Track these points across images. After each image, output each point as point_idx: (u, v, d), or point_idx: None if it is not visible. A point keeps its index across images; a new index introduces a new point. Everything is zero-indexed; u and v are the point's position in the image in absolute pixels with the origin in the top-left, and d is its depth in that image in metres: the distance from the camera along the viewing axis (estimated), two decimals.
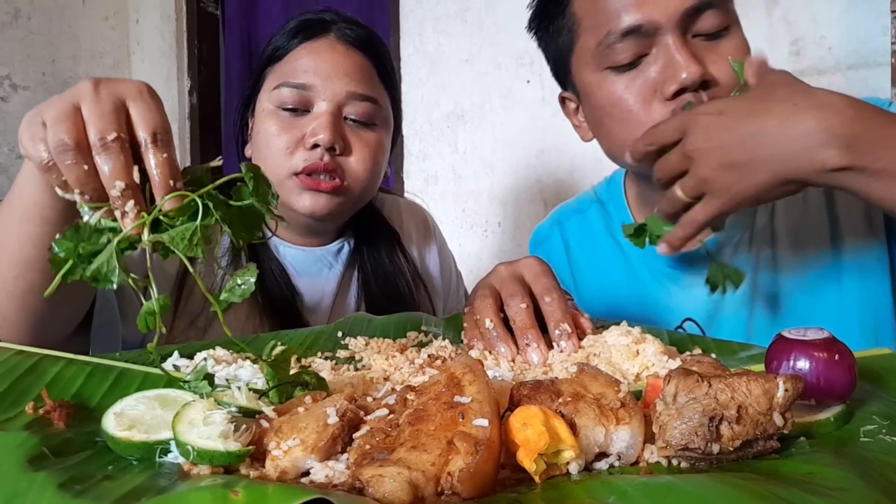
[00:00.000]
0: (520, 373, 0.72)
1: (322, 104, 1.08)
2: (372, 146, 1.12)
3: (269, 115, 1.10)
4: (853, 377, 0.55)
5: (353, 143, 1.10)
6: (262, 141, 1.10)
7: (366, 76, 1.12)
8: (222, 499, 0.39)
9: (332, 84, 1.08)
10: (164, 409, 0.53)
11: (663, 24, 0.90)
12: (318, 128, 1.06)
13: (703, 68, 0.89)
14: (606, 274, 1.18)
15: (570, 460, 0.46)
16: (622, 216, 1.16)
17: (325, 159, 1.06)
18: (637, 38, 0.92)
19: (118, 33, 3.26)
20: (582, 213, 1.25)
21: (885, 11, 1.51)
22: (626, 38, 0.92)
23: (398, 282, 1.23)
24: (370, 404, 0.54)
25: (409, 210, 1.37)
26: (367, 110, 1.11)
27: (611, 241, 1.18)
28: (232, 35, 3.07)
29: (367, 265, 1.22)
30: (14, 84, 2.84)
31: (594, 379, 0.53)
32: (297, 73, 1.09)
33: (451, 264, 1.40)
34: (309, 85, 1.08)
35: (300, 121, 1.09)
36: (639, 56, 0.93)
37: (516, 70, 2.16)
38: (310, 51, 1.10)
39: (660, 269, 1.10)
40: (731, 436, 0.47)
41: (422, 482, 0.42)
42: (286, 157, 1.08)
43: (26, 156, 0.67)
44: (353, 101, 1.09)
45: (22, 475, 0.44)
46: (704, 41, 0.92)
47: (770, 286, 1.03)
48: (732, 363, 0.70)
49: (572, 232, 1.25)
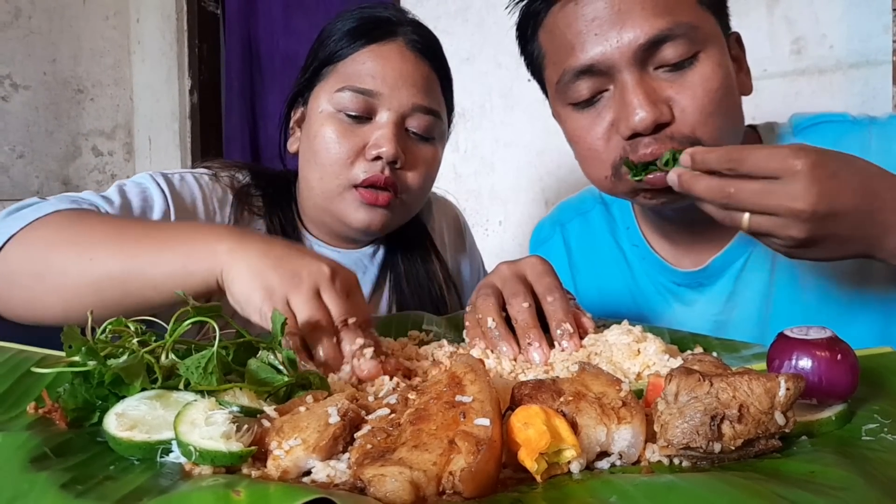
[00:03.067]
0: (521, 372, 0.72)
1: (386, 114, 1.04)
2: (429, 161, 1.10)
3: (328, 117, 1.05)
4: (855, 376, 0.55)
5: (412, 156, 1.07)
6: (321, 145, 1.05)
7: (431, 88, 1.08)
8: (224, 498, 0.39)
9: (399, 94, 1.04)
10: (166, 409, 0.53)
11: (617, 61, 0.86)
12: (382, 139, 1.03)
13: (656, 111, 0.85)
14: (608, 281, 1.16)
15: (571, 459, 0.46)
16: (626, 219, 1.13)
17: (385, 173, 1.03)
18: (593, 76, 0.89)
19: (119, 33, 3.26)
20: (584, 214, 1.22)
21: (886, 10, 1.51)
22: (581, 76, 0.89)
23: (431, 286, 1.21)
24: (371, 404, 0.54)
25: (442, 208, 1.34)
26: (429, 124, 1.08)
27: (614, 246, 1.16)
28: (233, 34, 3.06)
29: (399, 268, 1.20)
30: (14, 83, 2.84)
31: (595, 378, 0.53)
32: (363, 78, 1.04)
33: (479, 265, 1.38)
34: (375, 92, 1.04)
35: (362, 128, 1.05)
36: (597, 92, 0.90)
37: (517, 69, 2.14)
38: (378, 55, 1.05)
39: (664, 283, 1.08)
40: (732, 435, 0.47)
41: (423, 481, 0.42)
42: (345, 167, 1.04)
43: (254, 312, 0.70)
44: (417, 113, 1.06)
45: (24, 475, 0.44)
46: (669, 73, 0.87)
47: (785, 308, 0.98)
48: (734, 362, 0.70)
49: (574, 234, 1.23)
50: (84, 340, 0.57)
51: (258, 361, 0.58)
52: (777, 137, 1.02)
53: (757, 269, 1.00)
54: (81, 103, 3.12)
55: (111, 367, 0.55)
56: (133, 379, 0.55)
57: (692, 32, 0.86)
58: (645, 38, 0.85)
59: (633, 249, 1.11)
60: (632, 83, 0.86)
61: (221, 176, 1.12)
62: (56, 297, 0.80)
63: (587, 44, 0.87)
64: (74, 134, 3.09)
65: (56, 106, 2.99)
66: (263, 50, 3.01)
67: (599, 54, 0.87)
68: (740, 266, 1.01)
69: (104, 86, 3.21)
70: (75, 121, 3.09)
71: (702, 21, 0.88)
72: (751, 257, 1.00)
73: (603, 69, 0.87)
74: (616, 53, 0.86)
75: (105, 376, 0.54)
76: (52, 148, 2.97)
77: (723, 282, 1.02)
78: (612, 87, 0.89)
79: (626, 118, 0.86)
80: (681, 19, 0.86)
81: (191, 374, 0.55)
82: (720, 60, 0.88)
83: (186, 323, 0.59)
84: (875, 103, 1.52)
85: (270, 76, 2.99)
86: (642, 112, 0.84)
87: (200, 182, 1.07)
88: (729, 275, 1.01)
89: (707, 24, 0.89)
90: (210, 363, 0.55)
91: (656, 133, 0.86)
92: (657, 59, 0.86)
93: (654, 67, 0.87)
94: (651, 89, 0.86)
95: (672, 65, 0.86)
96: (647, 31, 0.85)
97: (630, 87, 0.86)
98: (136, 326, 0.61)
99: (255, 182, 1.14)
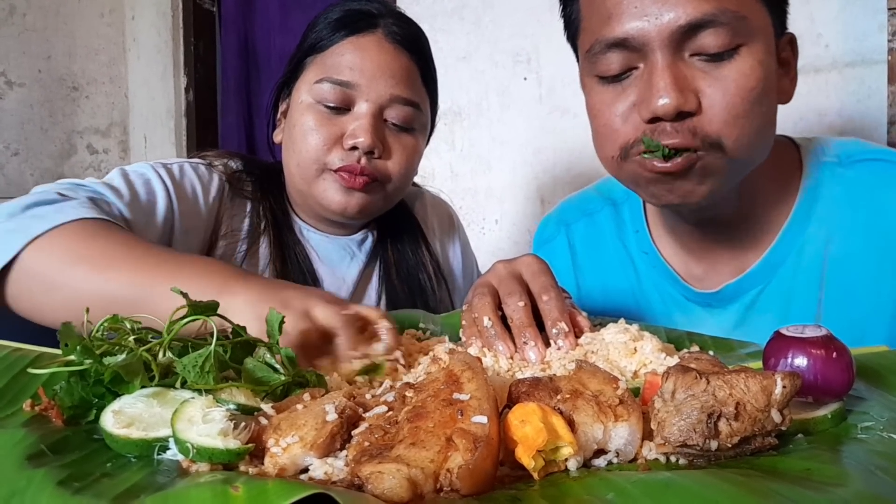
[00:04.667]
0: (518, 370, 0.72)
1: (364, 105, 1.05)
2: (409, 151, 1.10)
3: (307, 108, 1.07)
4: (851, 374, 0.55)
5: (390, 146, 1.08)
6: (299, 134, 1.07)
7: (410, 79, 1.09)
8: (222, 495, 0.39)
9: (377, 85, 1.05)
10: (163, 406, 0.52)
11: (652, 39, 0.81)
12: (359, 130, 1.04)
13: (681, 98, 0.80)
14: (612, 285, 1.12)
15: (568, 457, 0.46)
16: (636, 223, 1.09)
17: (361, 162, 1.04)
18: (624, 51, 0.84)
19: (114, 30, 3.25)
20: (591, 215, 1.18)
21: (881, 9, 1.51)
22: (612, 49, 0.85)
23: (420, 275, 1.21)
24: (369, 401, 0.54)
25: (434, 204, 1.35)
26: (409, 115, 1.08)
27: (621, 249, 1.12)
28: (228, 32, 3.06)
29: (389, 257, 1.21)
30: (9, 81, 2.83)
31: (592, 376, 0.53)
32: (341, 70, 1.06)
33: (473, 263, 1.38)
34: (353, 83, 1.05)
35: (340, 119, 1.06)
36: (627, 69, 0.86)
37: (513, 67, 2.16)
38: (356, 46, 1.07)
39: (672, 294, 1.04)
40: (729, 432, 0.47)
41: (421, 479, 0.42)
42: (322, 153, 1.06)
43: None
44: (396, 104, 1.07)
45: (21, 473, 0.44)
46: (704, 62, 0.82)
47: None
48: (730, 360, 0.70)
49: (579, 235, 1.19)
50: (80, 338, 0.57)
51: (255, 360, 0.58)
52: (820, 165, 0.96)
53: (771, 304, 0.96)
54: (76, 101, 3.11)
55: (108, 365, 0.54)
56: (132, 377, 0.55)
57: (737, 23, 0.81)
58: (686, 19, 0.80)
59: (643, 256, 1.08)
60: (662, 65, 0.82)
61: (216, 164, 1.14)
62: (64, 312, 0.80)
63: (624, 16, 0.83)
64: (69, 131, 3.08)
65: (51, 103, 2.98)
66: (259, 47, 3.00)
67: (635, 29, 0.82)
68: (753, 296, 0.97)
69: (99, 83, 3.20)
70: (70, 118, 3.08)
71: (751, 12, 0.82)
72: (765, 290, 0.96)
73: (636, 45, 0.83)
74: (653, 31, 0.81)
75: (104, 375, 0.54)
76: (47, 145, 2.96)
77: (734, 308, 0.98)
78: (643, 65, 0.84)
79: (649, 100, 0.82)
80: (728, 6, 0.80)
81: (188, 373, 0.54)
82: (762, 58, 0.83)
83: (184, 321, 0.59)
84: (870, 102, 1.52)
85: (266, 74, 2.99)
86: (666, 97, 0.80)
87: (198, 172, 1.09)
88: (741, 303, 0.98)
89: (757, 16, 0.83)
90: (207, 362, 0.55)
91: (678, 122, 0.82)
92: (695, 44, 0.82)
93: (689, 54, 0.82)
94: (681, 75, 0.82)
95: (709, 54, 0.82)
96: (690, 13, 0.80)
97: (659, 69, 0.82)
98: (131, 324, 0.61)
99: (248, 169, 1.16)
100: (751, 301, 0.97)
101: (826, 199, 0.95)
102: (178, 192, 1.03)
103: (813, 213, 0.95)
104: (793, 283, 0.95)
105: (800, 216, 0.95)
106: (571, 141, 2.03)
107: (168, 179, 1.02)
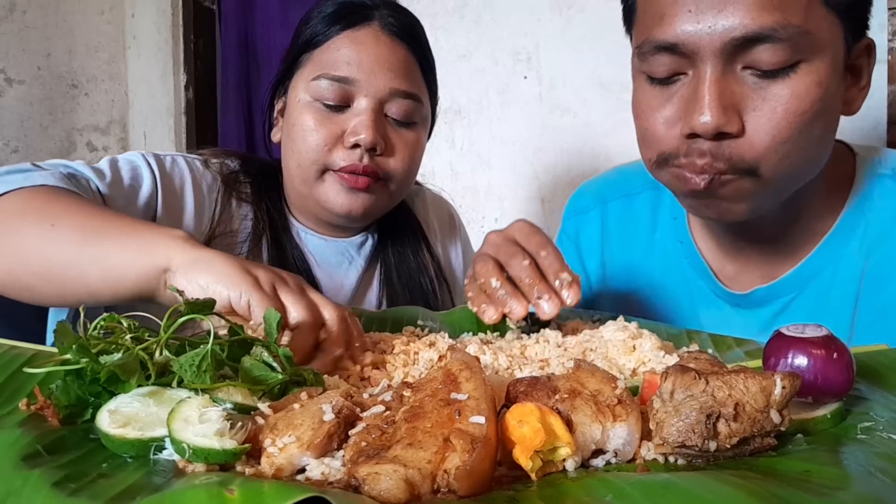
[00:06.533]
0: (517, 368, 0.72)
1: (363, 101, 1.03)
2: (411, 146, 1.08)
3: (305, 106, 1.04)
4: (851, 374, 0.55)
5: (393, 143, 1.06)
6: (298, 134, 1.05)
7: (410, 71, 1.06)
8: (218, 497, 0.39)
9: (376, 79, 1.02)
10: (159, 406, 0.52)
11: (703, 48, 0.76)
12: (360, 126, 1.01)
13: (722, 119, 0.76)
14: (639, 271, 1.08)
15: (566, 457, 0.46)
16: (677, 209, 1.04)
17: (364, 161, 1.02)
18: (674, 55, 0.79)
19: (114, 28, 3.24)
20: (630, 196, 1.12)
21: (882, 8, 1.50)
22: (661, 51, 0.80)
23: (421, 279, 1.19)
24: (366, 401, 0.54)
25: (435, 203, 1.33)
26: (409, 108, 1.06)
27: (654, 237, 1.07)
28: (228, 30, 3.05)
29: (390, 260, 1.18)
30: (9, 78, 2.82)
31: (591, 375, 0.53)
32: (338, 65, 1.03)
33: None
34: (351, 79, 1.02)
35: (339, 116, 1.03)
36: (675, 73, 0.81)
37: (514, 66, 2.15)
38: (352, 40, 1.04)
39: (700, 288, 1.00)
40: (728, 433, 0.47)
41: (418, 479, 0.42)
42: (322, 153, 1.03)
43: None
44: (396, 98, 1.04)
45: (16, 473, 0.44)
46: (756, 77, 0.77)
47: None
48: (729, 360, 0.70)
49: (614, 215, 1.14)
50: (76, 337, 0.56)
51: (252, 359, 0.58)
52: (873, 178, 0.92)
53: (800, 315, 0.92)
54: (76, 98, 3.10)
55: (104, 364, 0.54)
56: (129, 376, 0.55)
57: (799, 38, 0.75)
58: (742, 31, 0.74)
59: (677, 245, 1.04)
60: (710, 78, 0.77)
61: (212, 162, 1.12)
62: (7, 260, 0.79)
63: (678, 18, 0.77)
64: (69, 129, 3.07)
65: (50, 101, 2.98)
66: (259, 45, 3.00)
67: (687, 34, 0.77)
68: (784, 304, 0.93)
69: (99, 81, 3.19)
70: (70, 116, 3.07)
71: (818, 26, 0.76)
72: (797, 299, 0.93)
73: (686, 52, 0.78)
74: (705, 38, 0.76)
75: (101, 374, 0.54)
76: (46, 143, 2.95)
77: (762, 313, 0.95)
78: (691, 72, 0.80)
79: (689, 116, 0.78)
80: (791, 20, 0.74)
81: (184, 372, 0.54)
82: (821, 78, 0.77)
83: (181, 320, 0.59)
84: (871, 102, 1.51)
85: (267, 71, 2.98)
86: (708, 115, 0.76)
87: (192, 166, 1.07)
88: (769, 309, 0.94)
89: (825, 29, 0.77)
90: (204, 361, 0.55)
91: (717, 141, 0.78)
92: (748, 58, 0.76)
93: (742, 66, 0.77)
94: (728, 91, 0.77)
95: (763, 70, 0.76)
96: (747, 25, 0.74)
97: (706, 82, 0.77)
98: (128, 322, 0.61)
99: (245, 169, 1.14)
100: (780, 308, 0.94)
101: (873, 214, 0.91)
102: (164, 181, 1.00)
103: (857, 227, 0.91)
104: (827, 296, 0.91)
105: (843, 229, 0.92)
106: (572, 139, 2.02)
107: (157, 168, 1.01)
